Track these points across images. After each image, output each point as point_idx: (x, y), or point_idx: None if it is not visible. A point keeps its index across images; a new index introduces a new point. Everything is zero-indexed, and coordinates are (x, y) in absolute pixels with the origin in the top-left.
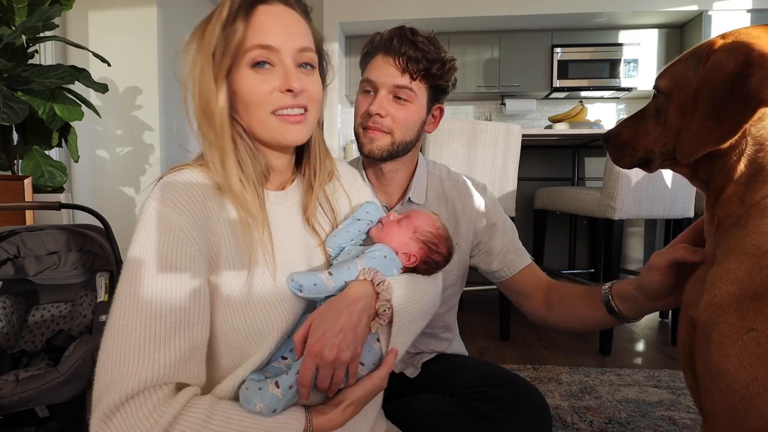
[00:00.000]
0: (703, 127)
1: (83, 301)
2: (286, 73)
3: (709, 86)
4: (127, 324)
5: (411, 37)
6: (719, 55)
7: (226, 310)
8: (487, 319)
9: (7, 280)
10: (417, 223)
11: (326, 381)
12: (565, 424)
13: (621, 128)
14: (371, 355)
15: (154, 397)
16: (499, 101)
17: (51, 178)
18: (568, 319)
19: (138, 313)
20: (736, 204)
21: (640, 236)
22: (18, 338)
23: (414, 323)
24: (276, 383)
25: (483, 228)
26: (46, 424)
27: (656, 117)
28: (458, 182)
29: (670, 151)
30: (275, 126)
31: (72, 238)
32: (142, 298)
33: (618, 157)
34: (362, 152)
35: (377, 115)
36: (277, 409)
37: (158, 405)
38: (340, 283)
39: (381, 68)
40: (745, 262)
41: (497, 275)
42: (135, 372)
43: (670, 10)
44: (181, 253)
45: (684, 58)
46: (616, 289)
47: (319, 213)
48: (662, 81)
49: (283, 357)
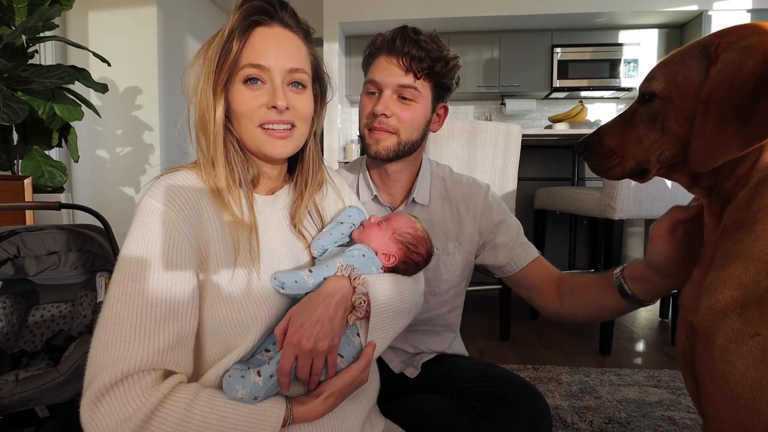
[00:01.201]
0: (723, 133)
1: (83, 301)
2: (274, 90)
3: (726, 89)
4: (119, 312)
5: (414, 36)
6: (731, 55)
7: (213, 304)
8: (487, 319)
9: (7, 280)
10: (396, 225)
11: (305, 371)
12: (565, 424)
13: (603, 136)
14: (350, 348)
15: (142, 382)
16: (499, 101)
17: (51, 178)
18: (581, 309)
19: (130, 302)
20: (742, 208)
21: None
22: (18, 338)
23: (393, 320)
24: (258, 372)
25: (488, 227)
26: (46, 424)
27: (650, 123)
28: (461, 183)
29: (669, 158)
30: (261, 139)
31: (72, 238)
32: (134, 289)
33: (603, 167)
34: (369, 153)
35: (382, 115)
36: (258, 396)
37: (146, 389)
38: (319, 280)
39: (384, 68)
40: (752, 267)
41: (505, 270)
42: (124, 357)
43: (670, 10)
44: (174, 248)
45: (677, 59)
46: (628, 271)
47: (307, 219)
48: (657, 84)
49: (267, 350)
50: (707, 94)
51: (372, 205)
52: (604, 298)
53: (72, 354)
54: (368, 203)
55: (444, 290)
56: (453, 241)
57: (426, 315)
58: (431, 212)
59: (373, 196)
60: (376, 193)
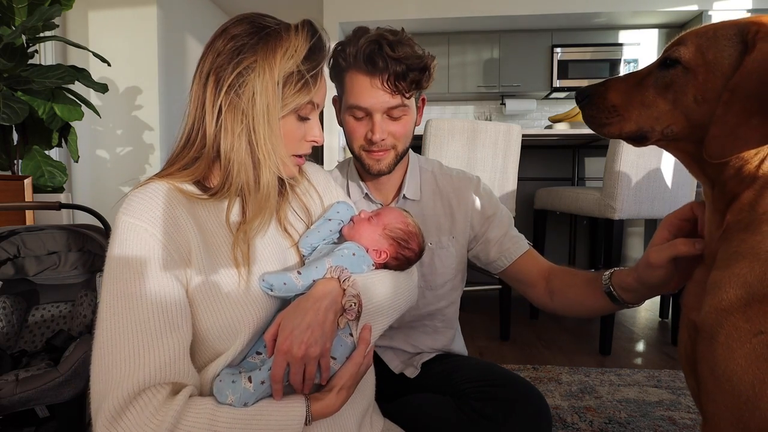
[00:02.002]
0: (745, 125)
1: (83, 301)
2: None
3: (757, 81)
4: (114, 332)
5: (392, 54)
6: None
7: (200, 309)
8: (487, 319)
9: (7, 280)
10: (387, 220)
11: (298, 377)
12: (565, 424)
13: (607, 89)
14: (343, 349)
15: (154, 400)
16: (499, 101)
17: (51, 178)
18: (571, 308)
19: (124, 320)
20: (747, 209)
21: (640, 236)
22: (18, 338)
23: (385, 317)
24: (249, 378)
25: (479, 220)
26: (46, 424)
27: (663, 90)
28: (452, 177)
29: (674, 133)
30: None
31: (72, 238)
32: (125, 306)
33: (601, 122)
34: (370, 172)
35: (380, 140)
36: (248, 402)
37: (159, 406)
38: (308, 282)
39: (369, 94)
40: (757, 266)
41: (496, 265)
42: (128, 376)
43: (670, 10)
44: (156, 260)
45: (710, 33)
46: (617, 281)
47: (292, 215)
48: (685, 51)
49: (258, 353)
50: (736, 83)
51: (363, 203)
52: (592, 300)
53: (72, 354)
54: (359, 201)
55: (440, 284)
56: (446, 234)
57: (424, 310)
58: (423, 207)
59: (364, 194)
60: (367, 191)
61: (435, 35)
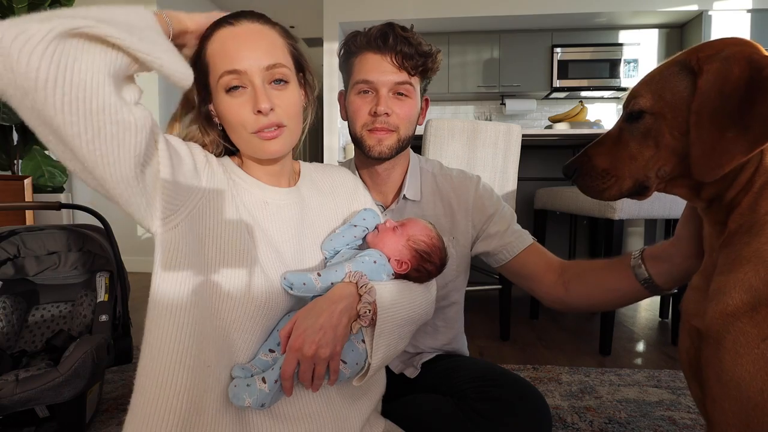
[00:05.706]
0: (724, 140)
1: (83, 301)
2: (255, 94)
3: (717, 97)
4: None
5: (403, 34)
6: (715, 65)
7: (216, 302)
8: (487, 319)
9: (7, 280)
10: (411, 232)
11: (307, 375)
12: (565, 424)
13: (591, 157)
14: (354, 355)
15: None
16: (499, 101)
17: (51, 178)
18: (590, 296)
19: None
20: (747, 213)
21: (640, 236)
22: (18, 338)
23: (399, 328)
24: (263, 379)
25: (481, 220)
26: (46, 424)
27: (642, 139)
28: (452, 177)
29: (669, 173)
30: (255, 144)
31: (72, 238)
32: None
33: (598, 189)
34: (371, 155)
35: (384, 114)
36: (266, 403)
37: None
38: (327, 284)
39: (377, 67)
40: (762, 270)
41: (498, 258)
42: None
43: (670, 10)
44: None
45: (657, 77)
46: (649, 250)
47: (319, 216)
48: (644, 101)
49: (271, 350)
50: (698, 105)
51: None
52: (617, 282)
53: (72, 354)
54: None
55: (440, 285)
56: (446, 235)
57: None
58: (423, 208)
59: None
60: (373, 199)
61: (435, 35)
